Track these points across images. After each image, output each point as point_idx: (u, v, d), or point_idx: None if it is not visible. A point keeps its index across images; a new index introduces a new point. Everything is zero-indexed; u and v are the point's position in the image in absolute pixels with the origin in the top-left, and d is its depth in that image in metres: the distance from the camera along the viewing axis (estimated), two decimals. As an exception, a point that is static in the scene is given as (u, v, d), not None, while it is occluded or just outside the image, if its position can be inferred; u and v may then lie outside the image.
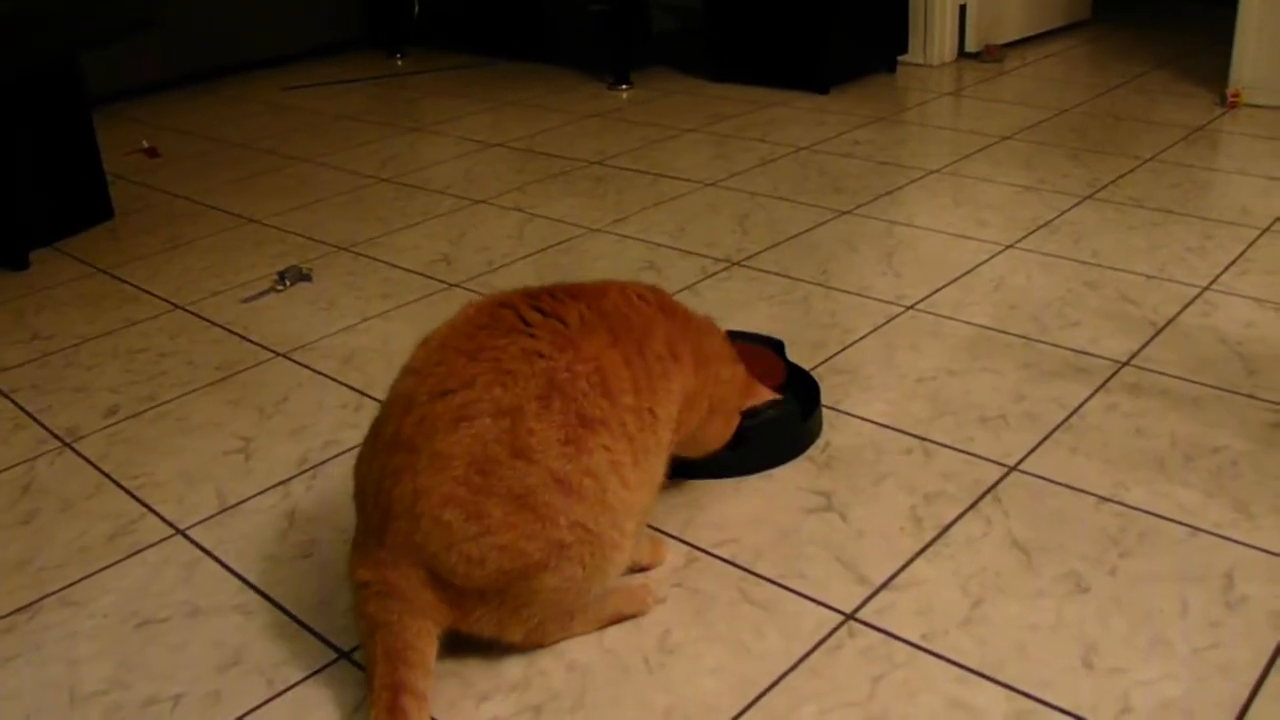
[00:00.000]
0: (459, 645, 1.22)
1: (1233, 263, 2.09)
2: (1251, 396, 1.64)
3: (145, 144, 3.38)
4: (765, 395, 1.46)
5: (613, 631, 1.24)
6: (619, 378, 1.19)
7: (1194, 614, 1.22)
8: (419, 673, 1.11)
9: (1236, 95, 3.13)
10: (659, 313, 1.30)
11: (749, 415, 1.48)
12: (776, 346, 1.72)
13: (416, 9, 4.59)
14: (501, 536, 1.10)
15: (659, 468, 1.25)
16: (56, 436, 1.76)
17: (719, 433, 1.40)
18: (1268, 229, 2.24)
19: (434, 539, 1.10)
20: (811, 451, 1.57)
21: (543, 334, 1.18)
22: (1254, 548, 1.31)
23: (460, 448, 1.10)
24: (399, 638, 1.11)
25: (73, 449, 1.72)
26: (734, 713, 1.13)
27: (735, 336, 1.76)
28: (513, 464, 1.10)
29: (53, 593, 1.38)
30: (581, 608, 1.20)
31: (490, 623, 1.16)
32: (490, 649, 1.21)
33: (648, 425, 1.21)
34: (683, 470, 1.48)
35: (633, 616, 1.26)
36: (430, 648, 1.13)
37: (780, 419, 1.55)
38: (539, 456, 1.11)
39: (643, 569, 1.34)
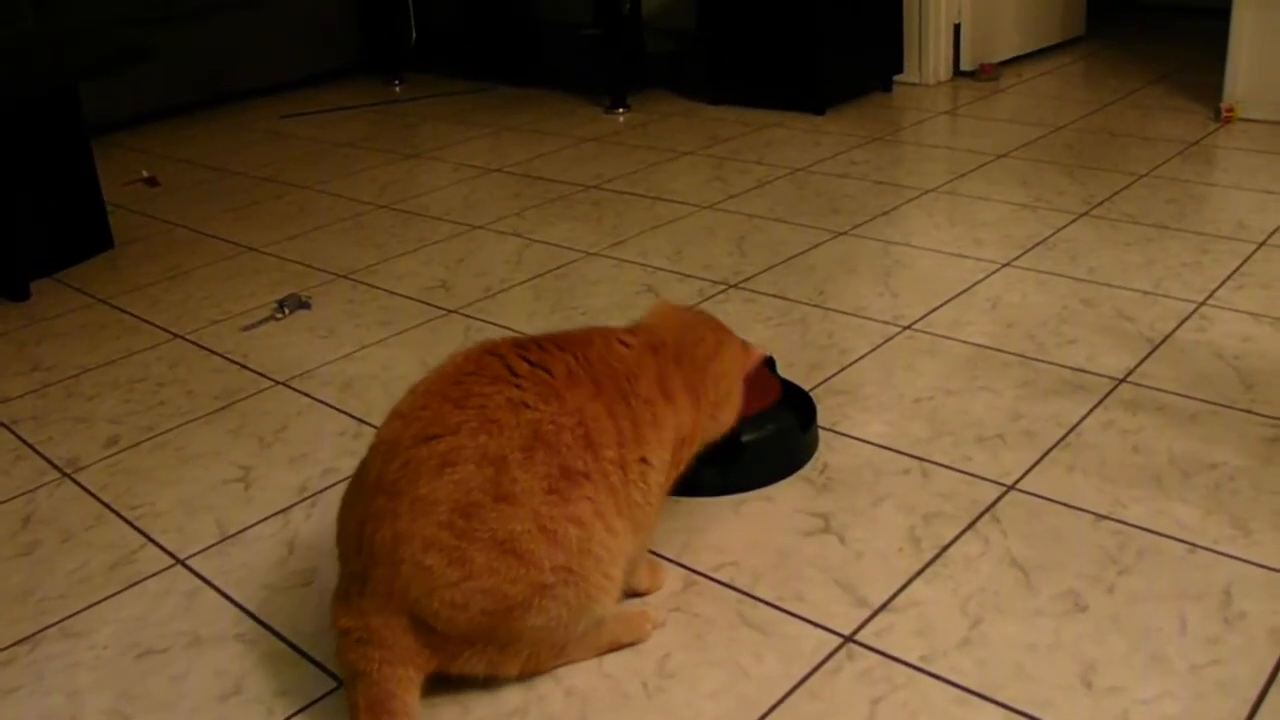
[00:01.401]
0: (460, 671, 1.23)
1: (1229, 277, 2.10)
2: (1249, 411, 1.64)
3: (145, 173, 3.40)
4: (757, 355, 1.45)
5: (612, 656, 1.25)
6: (603, 430, 1.19)
7: (1193, 631, 1.22)
8: None
9: (1231, 110, 3.14)
10: (646, 353, 1.29)
11: (751, 429, 1.50)
12: (767, 363, 1.73)
13: (414, 35, 4.61)
14: (484, 581, 1.10)
15: (651, 513, 1.25)
16: (57, 467, 1.76)
17: (729, 419, 1.40)
18: (1263, 243, 2.24)
19: (415, 584, 1.10)
20: (809, 473, 1.57)
21: (529, 385, 1.18)
22: (1252, 564, 1.31)
23: (444, 493, 1.11)
24: (380, 687, 1.10)
25: (73, 480, 1.72)
26: (734, 737, 1.13)
27: None
28: (496, 508, 1.11)
29: (54, 624, 1.39)
30: (572, 639, 1.20)
31: (480, 664, 1.16)
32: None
33: (635, 476, 1.21)
34: (684, 489, 1.49)
35: (631, 644, 1.26)
36: (413, 696, 1.12)
37: (779, 433, 1.56)
38: (524, 501, 1.11)
39: (641, 594, 1.34)
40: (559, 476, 1.14)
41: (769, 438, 1.56)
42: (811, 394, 1.74)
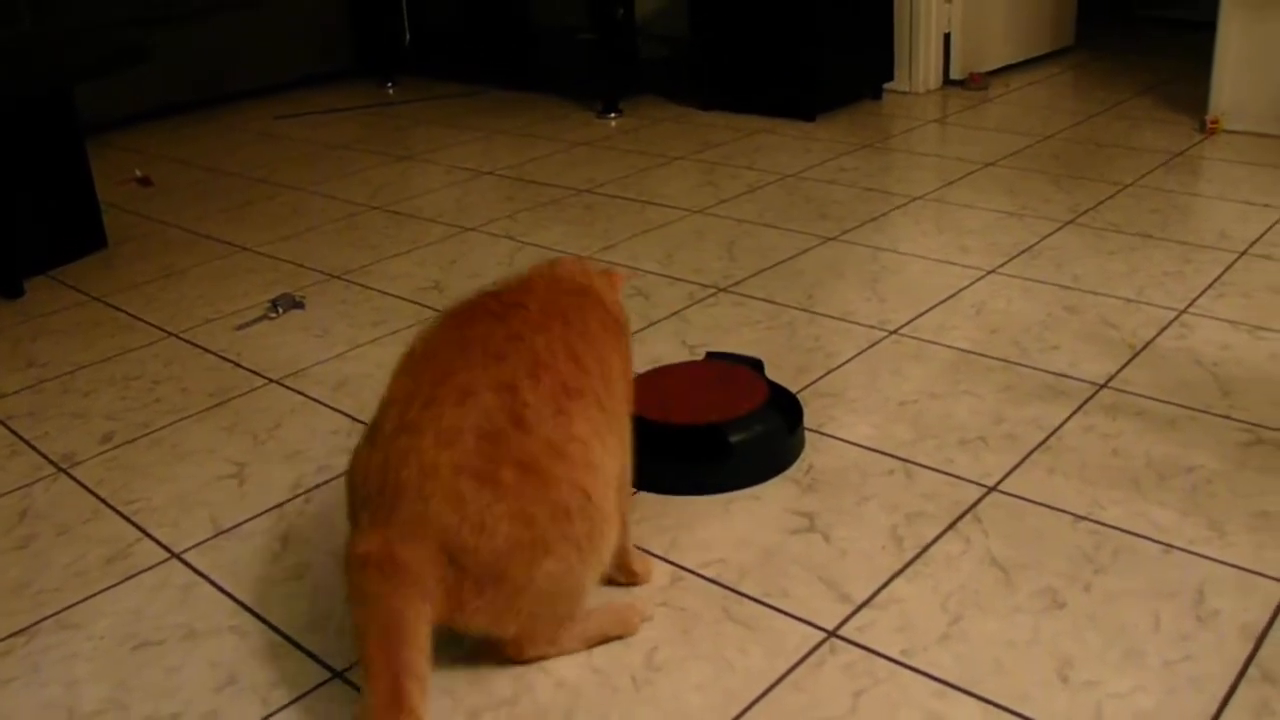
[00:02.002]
0: (448, 662, 1.25)
1: (1210, 286, 2.13)
2: (1226, 417, 1.67)
3: (138, 173, 3.42)
4: (618, 277, 1.49)
5: (600, 650, 1.27)
6: (583, 354, 1.26)
7: (1166, 628, 1.25)
8: (420, 656, 1.10)
9: (1215, 122, 3.18)
10: (582, 295, 1.37)
11: (737, 430, 1.53)
12: (756, 366, 1.76)
13: (407, 38, 4.64)
14: (512, 503, 1.12)
15: (625, 435, 1.31)
16: (53, 463, 1.78)
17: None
18: (1244, 253, 2.28)
19: (447, 511, 1.12)
20: (795, 473, 1.60)
21: (515, 321, 1.25)
22: (1225, 564, 1.35)
23: (468, 421, 1.15)
24: (401, 616, 1.10)
25: (69, 475, 1.74)
26: (718, 728, 1.16)
27: (716, 356, 1.81)
28: (516, 433, 1.15)
29: (50, 616, 1.41)
30: (572, 613, 1.23)
31: (485, 615, 1.16)
32: (478, 663, 1.24)
33: (611, 393, 1.28)
34: (673, 487, 1.53)
35: (620, 637, 1.29)
36: (427, 630, 1.12)
37: (767, 434, 1.59)
38: (535, 427, 1.16)
39: (631, 583, 1.37)
40: (563, 396, 1.19)
41: (756, 438, 1.59)
42: (798, 396, 1.77)
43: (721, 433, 1.58)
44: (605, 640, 1.28)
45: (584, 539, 1.17)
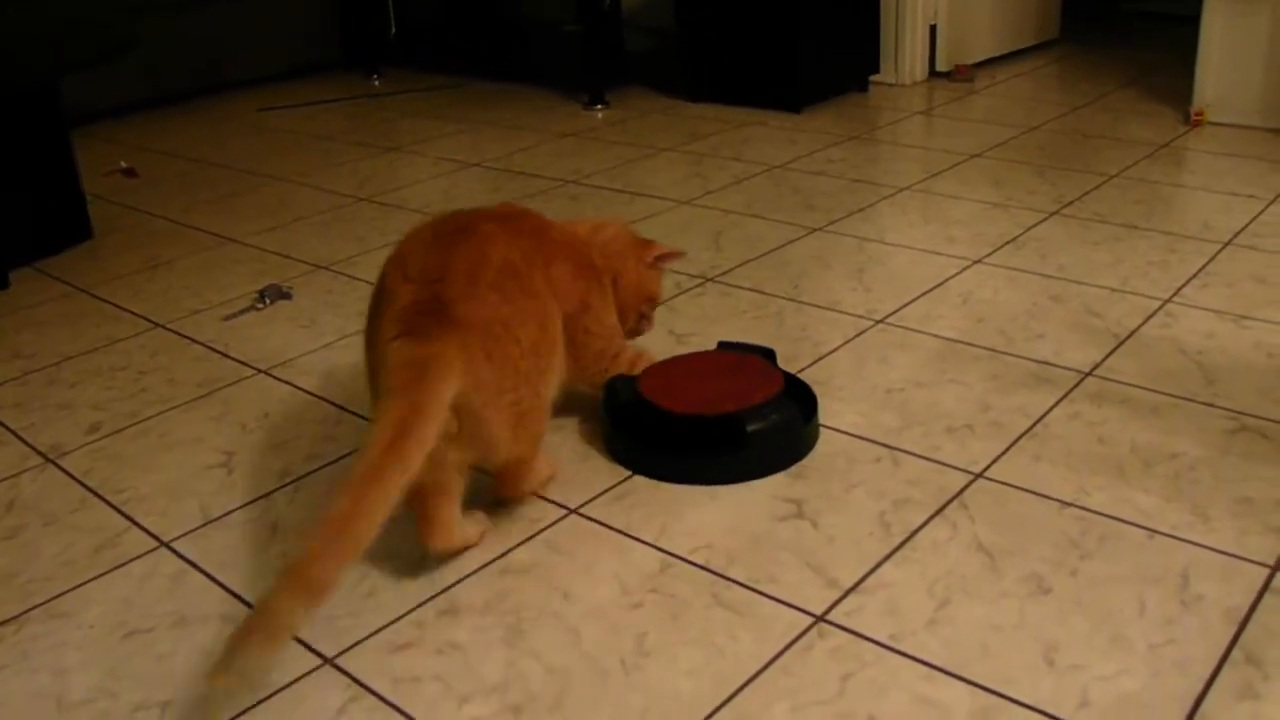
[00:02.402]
0: (440, 648, 1.26)
1: (1194, 276, 2.15)
2: (1210, 405, 1.69)
3: (123, 164, 3.41)
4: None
5: (590, 635, 1.28)
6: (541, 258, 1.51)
7: (1151, 613, 1.26)
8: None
9: (1200, 114, 3.20)
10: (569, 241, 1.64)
11: (756, 419, 1.56)
12: (768, 355, 1.76)
13: (393, 30, 4.63)
14: (521, 303, 1.40)
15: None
16: (40, 453, 1.78)
17: None
18: (1228, 243, 2.30)
19: (480, 308, 1.35)
20: (783, 461, 1.61)
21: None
22: (1209, 549, 1.36)
23: (497, 254, 1.41)
24: (432, 391, 1.26)
25: (57, 465, 1.74)
26: (708, 712, 1.16)
27: (727, 346, 1.80)
28: (521, 277, 1.43)
29: (39, 604, 1.41)
30: (541, 418, 1.45)
31: (498, 419, 1.37)
32: (470, 650, 1.25)
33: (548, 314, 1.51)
34: (685, 475, 1.55)
35: (550, 478, 1.56)
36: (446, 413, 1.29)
37: (784, 424, 1.60)
38: (530, 271, 1.45)
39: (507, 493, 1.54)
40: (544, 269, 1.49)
41: (773, 428, 1.59)
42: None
43: (738, 422, 1.58)
44: (554, 475, 1.57)
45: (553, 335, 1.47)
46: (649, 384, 1.66)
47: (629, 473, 1.60)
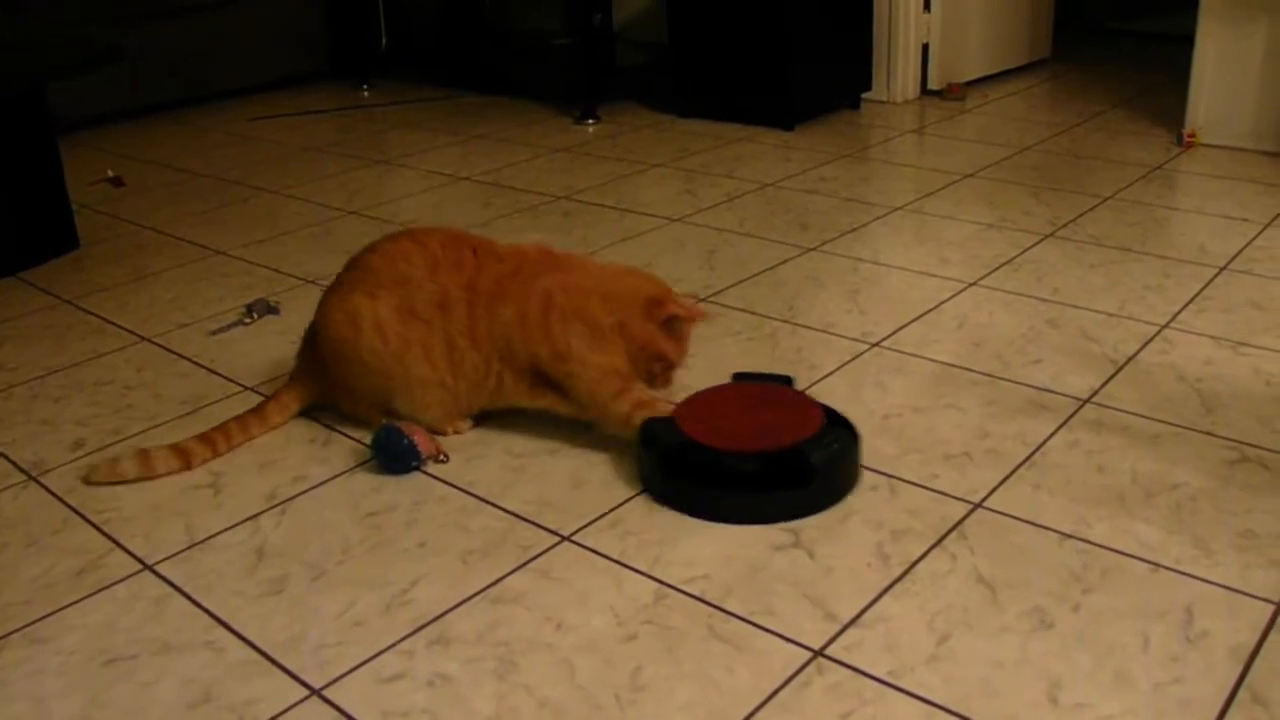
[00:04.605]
0: (431, 681, 1.23)
1: (1191, 301, 2.13)
2: (1210, 434, 1.67)
3: (110, 173, 3.37)
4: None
5: (584, 667, 1.25)
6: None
7: (1155, 649, 1.24)
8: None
9: (1193, 135, 3.20)
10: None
11: (817, 449, 1.52)
12: (787, 384, 1.73)
13: (384, 41, 4.60)
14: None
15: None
16: (22, 470, 1.75)
17: None
18: (1224, 268, 2.28)
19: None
20: (779, 488, 1.58)
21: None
22: (1213, 584, 1.34)
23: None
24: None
25: (39, 483, 1.71)
26: (705, 749, 1.14)
27: (747, 378, 1.75)
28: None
29: (18, 629, 1.37)
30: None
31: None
32: (461, 682, 1.22)
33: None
34: (734, 515, 1.51)
35: None
36: None
37: (843, 451, 1.56)
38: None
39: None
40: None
41: (834, 456, 1.54)
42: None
43: (803, 455, 1.53)
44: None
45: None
46: (689, 425, 1.58)
47: (622, 499, 1.57)
